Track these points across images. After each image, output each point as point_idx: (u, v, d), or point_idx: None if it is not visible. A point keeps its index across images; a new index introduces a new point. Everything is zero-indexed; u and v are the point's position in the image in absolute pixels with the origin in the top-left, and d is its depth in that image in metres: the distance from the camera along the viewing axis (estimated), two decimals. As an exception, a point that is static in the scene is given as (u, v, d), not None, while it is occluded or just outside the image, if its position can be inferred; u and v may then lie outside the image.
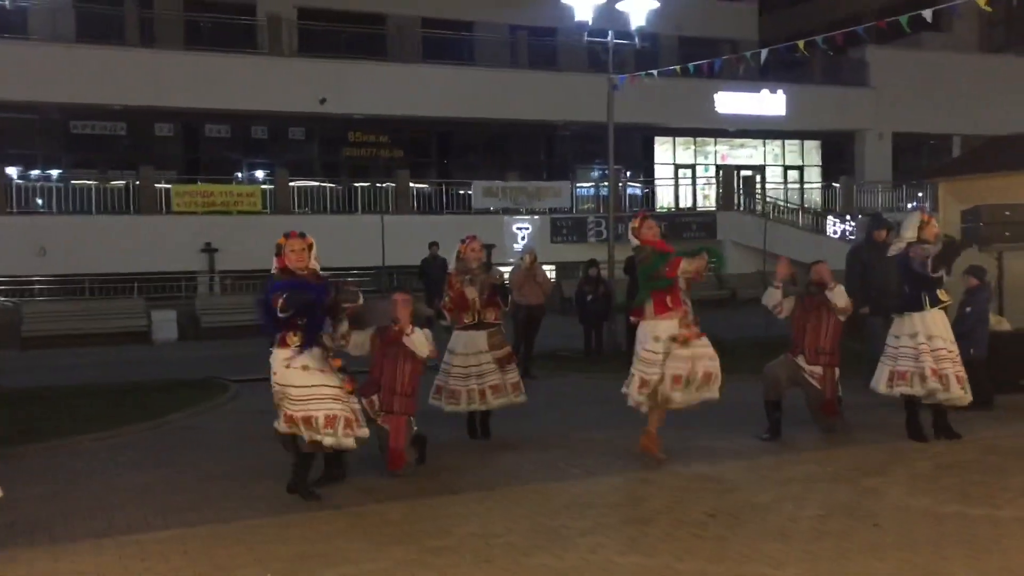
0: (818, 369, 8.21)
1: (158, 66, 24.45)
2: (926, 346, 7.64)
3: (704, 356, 7.21)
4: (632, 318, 7.66)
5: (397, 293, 7.48)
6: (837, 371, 8.31)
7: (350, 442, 6.41)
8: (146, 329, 20.00)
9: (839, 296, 8.13)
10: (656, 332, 7.18)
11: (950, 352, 7.72)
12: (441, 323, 8.54)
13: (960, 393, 7.71)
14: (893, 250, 8.11)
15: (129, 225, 23.46)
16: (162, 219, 23.89)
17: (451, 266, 8.45)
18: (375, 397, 7.12)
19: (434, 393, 8.30)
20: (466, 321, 8.18)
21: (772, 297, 8.38)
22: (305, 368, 6.31)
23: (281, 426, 6.39)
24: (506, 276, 22.68)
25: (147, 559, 5.29)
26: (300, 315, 6.30)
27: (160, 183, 24.43)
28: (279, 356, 6.37)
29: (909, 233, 7.85)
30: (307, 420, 6.27)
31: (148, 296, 21.95)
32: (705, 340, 7.28)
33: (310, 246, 6.48)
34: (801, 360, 8.25)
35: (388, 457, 7.04)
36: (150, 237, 23.20)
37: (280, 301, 6.16)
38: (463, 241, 8.41)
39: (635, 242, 7.45)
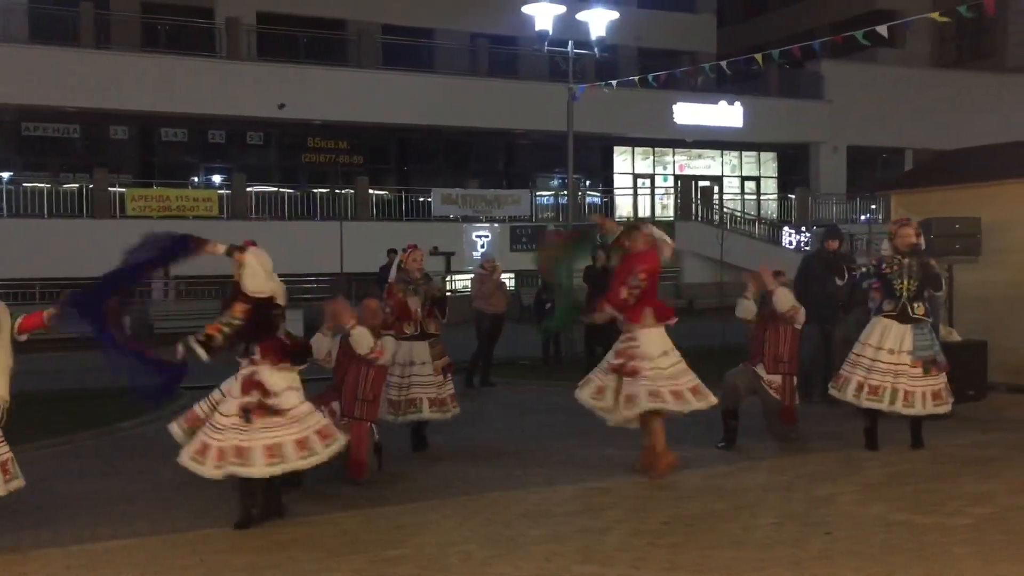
0: (777, 378, 8.28)
1: (114, 68, 24.10)
2: (905, 365, 7.75)
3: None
4: (597, 313, 7.53)
5: (367, 299, 7.45)
6: (795, 379, 8.41)
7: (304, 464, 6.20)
8: (98, 335, 19.65)
9: (779, 300, 8.18)
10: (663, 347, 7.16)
11: (900, 366, 7.81)
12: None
13: (921, 411, 7.82)
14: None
15: (82, 229, 23.03)
16: (116, 223, 23.44)
17: (392, 276, 8.43)
18: (335, 404, 7.06)
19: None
20: (407, 331, 8.10)
21: (746, 310, 8.42)
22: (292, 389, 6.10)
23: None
24: (467, 284, 22.47)
25: (95, 569, 5.20)
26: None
27: (114, 187, 24.06)
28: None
29: (885, 244, 7.99)
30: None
31: (101, 301, 21.56)
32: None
33: None
34: (760, 369, 8.32)
35: (349, 465, 6.96)
36: (104, 241, 22.58)
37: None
38: (404, 250, 8.41)
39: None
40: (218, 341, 5.87)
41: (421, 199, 27.28)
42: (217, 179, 27.27)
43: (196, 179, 27.10)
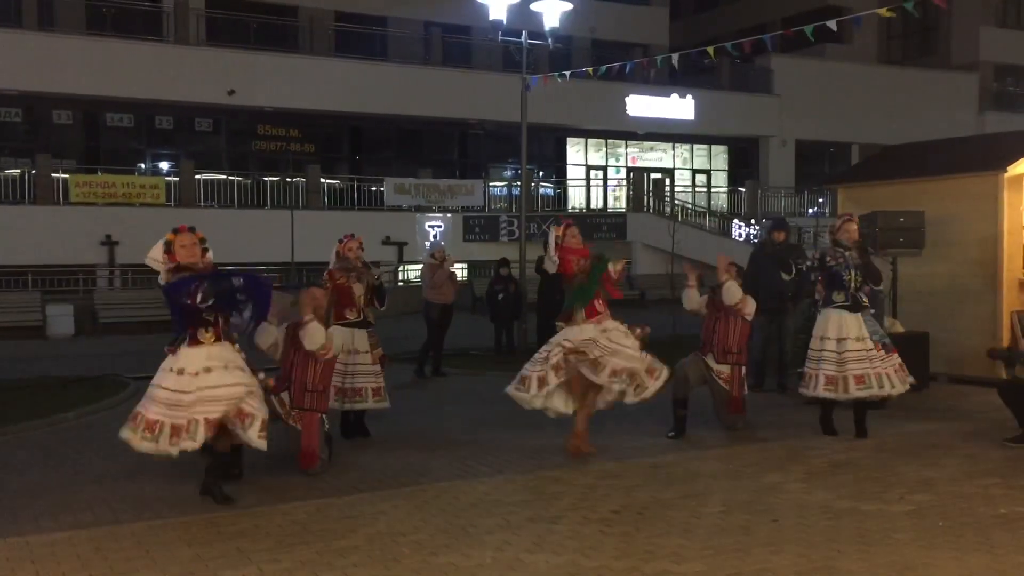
0: (725, 368, 8.39)
1: (57, 51, 23.50)
2: (852, 352, 7.94)
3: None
4: (558, 323, 7.72)
5: (312, 287, 7.39)
6: (744, 369, 8.53)
7: (260, 442, 6.24)
8: (41, 323, 19.28)
9: (727, 293, 8.29)
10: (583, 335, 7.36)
11: (870, 351, 8.02)
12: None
13: (901, 388, 8.16)
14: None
15: (24, 215, 22.54)
16: (59, 210, 23.01)
17: (332, 264, 8.40)
18: (285, 395, 7.00)
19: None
20: (349, 317, 8.11)
21: (691, 300, 8.53)
22: (208, 370, 6.06)
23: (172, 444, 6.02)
24: (416, 273, 22.40)
25: (37, 561, 5.09)
26: (219, 307, 6.11)
27: (58, 172, 23.54)
28: (188, 357, 6.08)
29: (827, 237, 8.15)
30: (210, 423, 6.05)
31: (44, 289, 21.13)
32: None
33: (201, 240, 6.29)
34: (710, 359, 8.42)
35: (300, 456, 6.91)
36: (46, 228, 22.32)
37: (199, 292, 5.93)
38: (341, 241, 8.43)
39: (554, 258, 7.51)
40: None
41: (373, 188, 27.11)
42: (164, 166, 26.79)
43: (143, 165, 26.59)
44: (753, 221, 30.11)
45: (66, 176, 23.54)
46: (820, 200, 32.71)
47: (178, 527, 5.73)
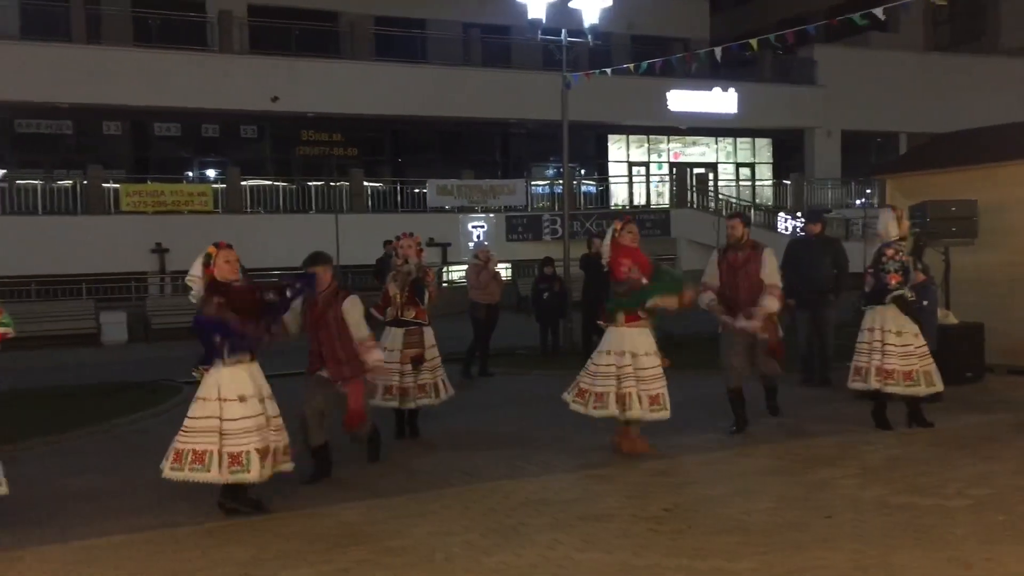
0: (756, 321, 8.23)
1: (105, 63, 23.97)
2: (893, 345, 7.82)
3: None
4: (600, 323, 7.71)
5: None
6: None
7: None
8: (95, 331, 19.64)
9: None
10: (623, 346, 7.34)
11: (917, 348, 7.89)
12: (377, 317, 8.50)
13: (926, 390, 7.94)
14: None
15: (77, 225, 22.99)
16: (111, 219, 23.45)
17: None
18: (324, 372, 7.00)
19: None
20: (389, 317, 8.23)
21: (704, 300, 8.38)
22: (242, 400, 5.99)
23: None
24: (463, 275, 22.46)
25: (96, 564, 5.19)
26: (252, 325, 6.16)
27: (108, 182, 24.00)
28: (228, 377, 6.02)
29: (892, 231, 7.97)
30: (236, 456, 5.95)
31: (97, 297, 21.55)
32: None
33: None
34: (742, 321, 8.13)
35: (347, 418, 6.92)
36: (99, 237, 22.77)
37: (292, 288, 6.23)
38: (397, 238, 8.52)
39: (606, 253, 7.51)
40: None
41: (416, 190, 27.24)
42: (211, 173, 27.19)
43: (190, 173, 27.02)
44: (799, 214, 29.72)
45: (116, 186, 23.98)
46: (867, 191, 32.17)
47: (232, 529, 5.80)
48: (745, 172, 33.84)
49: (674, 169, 31.77)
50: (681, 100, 30.24)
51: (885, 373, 7.85)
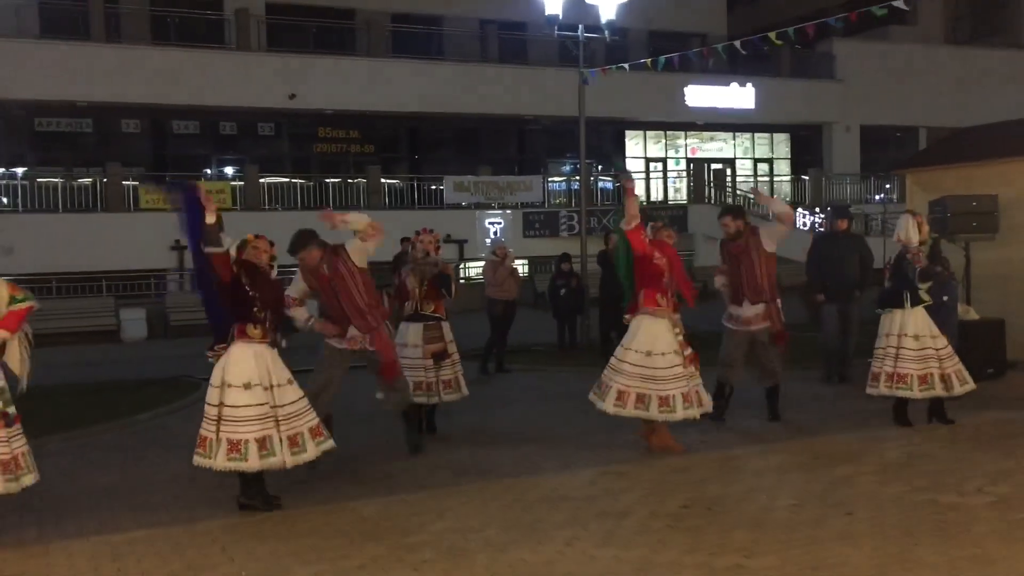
0: (760, 307, 8.24)
1: (124, 61, 24.13)
2: (909, 349, 7.77)
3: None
4: (627, 316, 7.66)
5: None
6: (779, 302, 8.37)
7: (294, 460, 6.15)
8: (115, 328, 19.78)
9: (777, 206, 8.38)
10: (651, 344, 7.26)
11: (939, 350, 7.84)
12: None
13: (963, 390, 7.90)
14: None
15: (97, 223, 23.16)
16: (130, 216, 23.60)
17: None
18: (353, 332, 7.06)
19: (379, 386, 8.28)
20: (406, 311, 8.20)
21: (718, 282, 8.66)
22: (247, 387, 5.96)
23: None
24: (480, 272, 22.44)
25: (118, 559, 5.23)
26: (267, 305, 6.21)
27: (128, 180, 24.16)
28: (235, 358, 6.02)
29: (913, 236, 7.92)
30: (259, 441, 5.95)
31: (117, 294, 21.70)
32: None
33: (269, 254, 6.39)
34: (746, 307, 8.21)
35: (382, 370, 7.08)
36: (118, 235, 22.92)
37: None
38: (417, 233, 8.51)
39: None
40: None
41: (433, 187, 27.26)
42: (229, 171, 27.32)
43: (209, 171, 27.14)
44: (817, 209, 29.53)
45: (135, 184, 24.14)
46: (887, 186, 31.95)
47: (252, 524, 5.84)
48: (763, 167, 33.67)
49: (691, 165, 31.65)
50: (699, 95, 30.11)
51: (898, 377, 7.79)
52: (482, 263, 18.71)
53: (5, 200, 23.71)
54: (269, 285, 6.30)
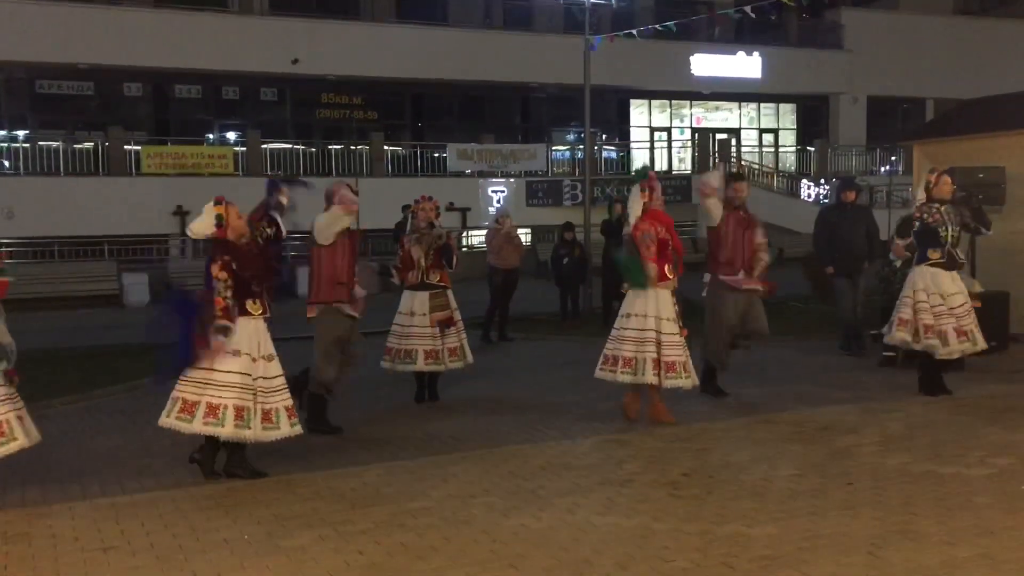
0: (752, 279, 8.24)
1: (126, 24, 23.94)
2: (943, 308, 7.81)
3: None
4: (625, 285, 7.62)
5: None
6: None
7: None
8: (117, 292, 19.79)
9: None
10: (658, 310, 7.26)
11: (952, 309, 7.86)
12: (392, 281, 8.50)
13: (984, 344, 7.96)
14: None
15: (98, 187, 23.11)
16: (132, 181, 23.55)
17: (408, 228, 8.49)
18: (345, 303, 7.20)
19: (384, 355, 8.29)
20: (411, 280, 8.21)
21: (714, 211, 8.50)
22: (236, 354, 5.94)
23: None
24: (480, 238, 22.40)
25: (121, 521, 5.25)
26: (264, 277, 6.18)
27: (129, 144, 24.07)
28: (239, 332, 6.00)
29: (920, 195, 7.91)
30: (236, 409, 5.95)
31: (119, 259, 21.70)
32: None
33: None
34: (741, 276, 8.17)
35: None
36: (120, 199, 22.87)
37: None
38: (417, 201, 8.48)
39: (635, 213, 7.45)
40: None
41: (436, 155, 27.14)
42: (232, 136, 27.18)
43: (211, 136, 27.02)
44: (823, 181, 29.42)
45: (137, 148, 24.06)
46: (893, 158, 31.80)
47: (255, 488, 5.86)
48: (768, 138, 33.47)
49: (696, 134, 31.47)
50: (705, 64, 29.86)
51: (925, 328, 7.78)
52: (485, 231, 18.67)
53: (7, 163, 23.64)
54: (252, 258, 6.18)
